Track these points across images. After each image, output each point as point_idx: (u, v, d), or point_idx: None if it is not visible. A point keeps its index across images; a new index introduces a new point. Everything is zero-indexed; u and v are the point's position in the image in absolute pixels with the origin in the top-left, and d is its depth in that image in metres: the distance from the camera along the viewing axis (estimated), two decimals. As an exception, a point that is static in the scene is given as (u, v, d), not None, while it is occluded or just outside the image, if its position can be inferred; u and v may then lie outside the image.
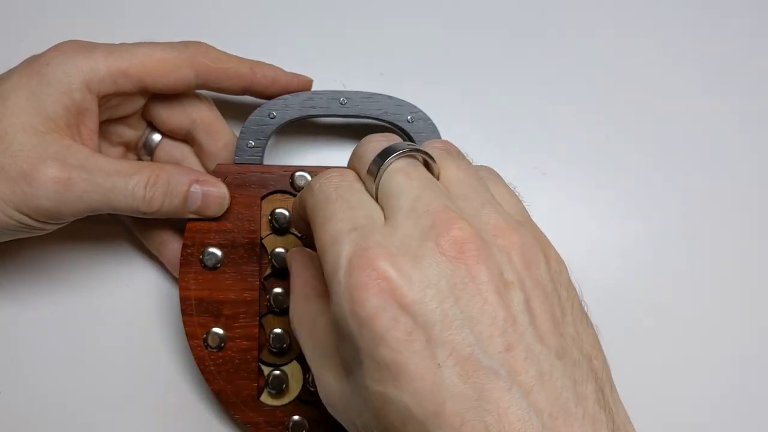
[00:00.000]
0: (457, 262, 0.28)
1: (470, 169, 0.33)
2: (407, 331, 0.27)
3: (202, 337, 0.42)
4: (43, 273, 0.47)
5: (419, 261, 0.28)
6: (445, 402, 0.26)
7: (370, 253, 0.28)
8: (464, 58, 0.51)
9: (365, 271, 0.28)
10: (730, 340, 0.48)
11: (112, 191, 0.39)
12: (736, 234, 0.49)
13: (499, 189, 0.34)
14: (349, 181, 0.33)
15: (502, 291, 0.28)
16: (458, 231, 0.28)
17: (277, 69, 0.44)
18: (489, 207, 0.31)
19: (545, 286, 0.29)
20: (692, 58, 0.52)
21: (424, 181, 0.31)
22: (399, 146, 0.32)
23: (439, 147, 0.34)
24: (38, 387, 0.46)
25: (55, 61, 0.40)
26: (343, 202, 0.31)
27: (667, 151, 0.50)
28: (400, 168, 0.31)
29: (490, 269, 0.28)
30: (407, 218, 0.29)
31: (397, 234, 0.29)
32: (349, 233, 0.29)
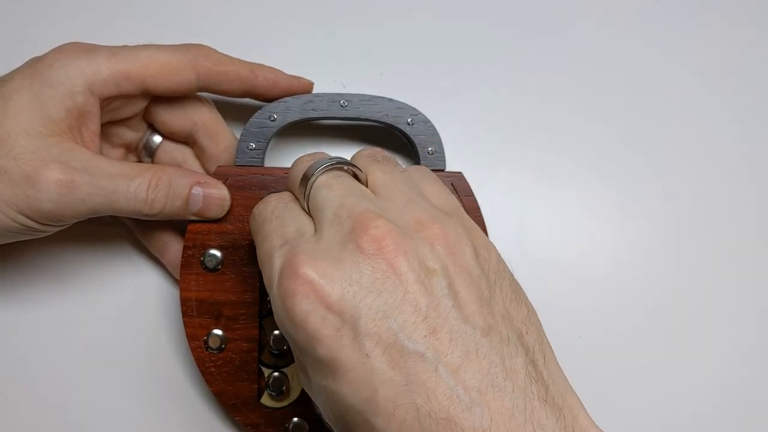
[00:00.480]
0: (377, 258, 0.30)
1: (395, 171, 0.35)
2: (336, 328, 0.29)
3: (202, 339, 0.42)
4: (45, 274, 0.47)
5: (341, 262, 0.30)
6: (377, 389, 0.28)
7: (296, 261, 0.30)
8: (464, 59, 0.51)
9: (291, 279, 0.30)
10: (729, 340, 0.48)
11: (115, 193, 0.39)
12: (736, 234, 0.50)
13: (428, 186, 0.36)
14: (285, 201, 0.36)
15: (424, 279, 0.30)
16: (375, 230, 0.30)
17: (277, 72, 0.45)
18: (413, 204, 0.33)
19: (471, 271, 0.31)
20: (692, 59, 0.52)
21: (347, 190, 0.33)
22: (322, 162, 0.34)
23: (366, 155, 0.37)
24: (39, 387, 0.46)
25: (58, 64, 0.40)
26: (278, 221, 0.34)
27: (667, 151, 0.51)
28: (324, 182, 0.34)
29: (410, 260, 0.30)
30: (331, 226, 0.32)
31: (322, 241, 0.31)
32: (280, 248, 0.32)
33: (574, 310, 0.48)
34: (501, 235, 0.48)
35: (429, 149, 0.45)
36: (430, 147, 0.45)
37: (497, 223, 0.48)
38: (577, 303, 0.48)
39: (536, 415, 0.28)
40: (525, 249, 0.49)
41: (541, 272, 0.48)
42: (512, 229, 0.49)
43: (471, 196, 0.44)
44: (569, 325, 0.48)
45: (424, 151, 0.45)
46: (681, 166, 0.50)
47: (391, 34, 0.51)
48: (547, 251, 0.49)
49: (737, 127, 0.51)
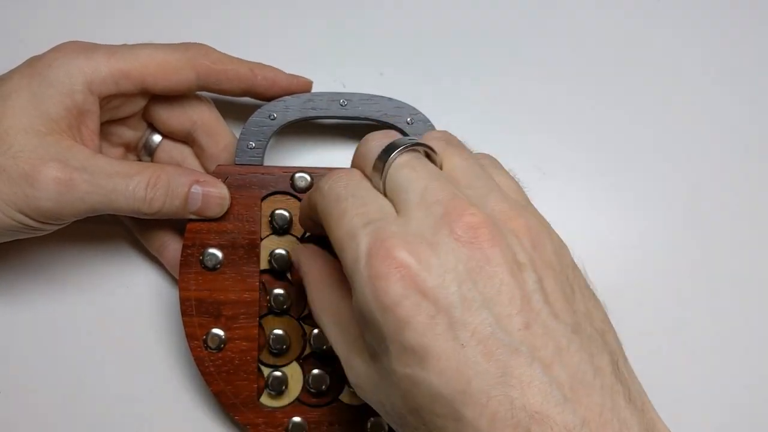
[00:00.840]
0: (472, 247, 0.29)
1: (471, 157, 0.34)
2: (430, 315, 0.28)
3: (201, 338, 0.42)
4: (43, 274, 0.47)
5: (436, 248, 0.29)
6: (470, 380, 0.28)
7: (388, 243, 0.29)
8: (464, 58, 0.51)
9: (385, 261, 0.29)
10: (733, 339, 0.48)
11: (113, 192, 0.39)
12: (738, 232, 0.50)
13: (500, 176, 0.34)
14: (357, 179, 0.33)
15: (516, 272, 0.29)
16: (471, 217, 0.29)
17: (277, 71, 0.45)
18: (494, 193, 0.32)
19: (554, 267, 0.31)
20: (694, 58, 0.52)
21: (430, 173, 0.32)
22: (401, 141, 0.33)
23: (439, 137, 0.35)
24: (38, 387, 0.46)
25: (57, 62, 0.40)
26: (355, 200, 0.32)
27: (667, 150, 0.50)
28: (405, 162, 0.32)
29: (504, 252, 0.29)
30: (419, 209, 0.30)
31: (411, 224, 0.30)
32: (365, 227, 0.30)
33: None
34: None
35: (429, 149, 0.45)
36: (430, 146, 0.45)
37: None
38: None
39: (622, 413, 0.28)
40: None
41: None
42: (512, 228, 0.49)
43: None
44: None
45: (423, 150, 0.45)
46: (682, 166, 0.50)
47: (391, 33, 0.51)
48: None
49: (739, 124, 0.51)
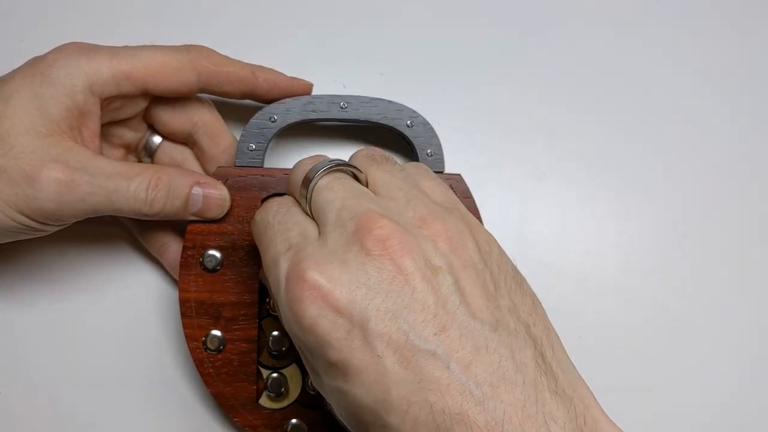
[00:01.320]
0: (383, 259, 0.30)
1: (394, 170, 0.36)
2: (346, 331, 0.29)
3: (201, 339, 0.42)
4: (44, 274, 0.47)
5: (347, 264, 0.30)
6: (390, 389, 0.29)
7: (301, 266, 0.31)
8: (464, 58, 0.51)
9: (299, 284, 0.30)
10: (731, 339, 0.48)
11: (114, 193, 0.39)
12: (736, 234, 0.50)
13: (426, 182, 0.36)
14: (286, 206, 0.36)
15: (430, 277, 0.30)
16: (379, 230, 0.31)
17: (278, 73, 0.45)
18: (414, 201, 0.33)
19: (475, 265, 0.32)
20: (693, 59, 0.52)
21: (348, 191, 0.33)
22: (322, 165, 0.35)
23: (364, 155, 0.37)
24: (38, 387, 0.46)
25: (58, 63, 0.40)
26: (280, 226, 0.34)
27: (667, 151, 0.51)
28: (325, 184, 0.34)
29: (415, 259, 0.30)
30: (335, 228, 0.32)
31: (327, 244, 0.31)
32: (285, 253, 0.32)
33: (574, 310, 0.48)
34: (501, 235, 0.48)
35: (428, 151, 0.45)
36: (429, 149, 0.45)
37: (497, 223, 0.48)
38: (577, 303, 0.48)
39: (547, 406, 0.29)
40: (525, 249, 0.49)
41: (540, 272, 0.48)
42: (512, 229, 0.49)
43: (470, 198, 0.44)
44: (569, 325, 0.48)
45: (423, 153, 0.45)
46: (681, 166, 0.50)
47: (391, 34, 0.51)
48: (547, 251, 0.49)
49: (738, 126, 0.51)
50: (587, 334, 0.48)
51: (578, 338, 0.48)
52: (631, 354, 0.48)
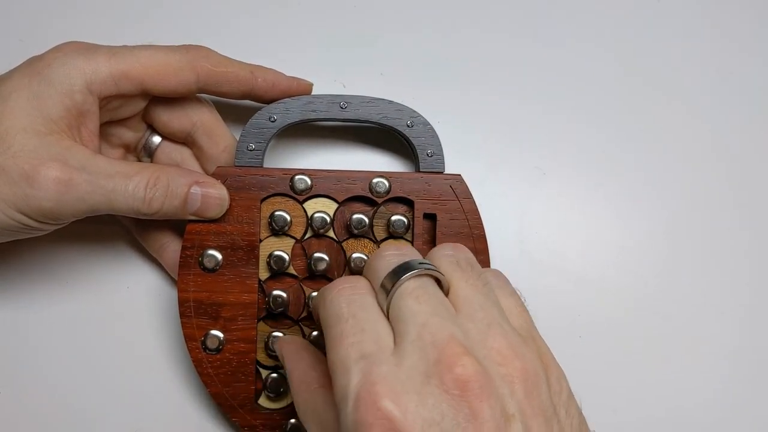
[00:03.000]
0: (461, 400, 0.29)
1: (479, 284, 0.34)
2: None
3: (200, 339, 0.42)
4: (42, 274, 0.47)
5: (423, 399, 0.29)
6: None
7: (376, 389, 0.29)
8: (464, 58, 0.51)
9: (370, 410, 0.28)
10: (730, 340, 0.48)
11: (113, 192, 0.39)
12: (736, 234, 0.50)
13: (505, 299, 0.35)
14: (361, 294, 0.33)
15: (503, 426, 0.29)
16: (461, 369, 0.29)
17: (277, 73, 0.45)
18: (495, 328, 0.31)
19: (545, 411, 0.30)
20: (692, 60, 0.52)
21: (433, 306, 0.31)
22: (412, 265, 0.33)
23: (449, 259, 0.35)
24: (37, 387, 0.46)
25: (57, 62, 0.40)
26: (355, 323, 0.32)
27: (667, 151, 0.50)
28: (411, 291, 0.32)
29: (492, 407, 0.29)
30: (414, 348, 0.30)
31: (403, 366, 0.30)
32: (357, 362, 0.30)
33: (575, 309, 0.48)
34: (501, 235, 0.48)
35: (428, 151, 0.45)
36: (429, 149, 0.45)
37: (497, 223, 0.48)
38: (577, 303, 0.48)
39: None
40: (525, 249, 0.49)
41: (541, 272, 0.48)
42: (512, 229, 0.49)
43: (470, 198, 0.44)
44: (569, 325, 0.48)
45: (423, 154, 0.45)
46: (681, 166, 0.50)
47: (391, 34, 0.51)
48: (547, 251, 0.49)
49: (737, 127, 0.51)
50: (587, 334, 0.48)
51: (578, 338, 0.48)
52: (631, 354, 0.48)
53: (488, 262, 0.44)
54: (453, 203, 0.44)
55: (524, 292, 0.40)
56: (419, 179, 0.44)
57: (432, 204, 0.44)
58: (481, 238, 0.44)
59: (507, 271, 0.37)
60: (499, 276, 0.37)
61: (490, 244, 0.44)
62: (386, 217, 0.44)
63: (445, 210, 0.44)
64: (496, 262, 0.46)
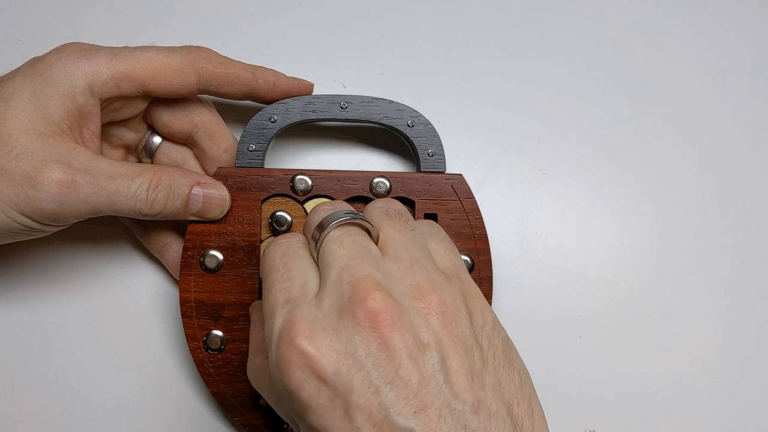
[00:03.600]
0: (372, 332, 0.30)
1: (406, 229, 0.36)
2: (329, 398, 0.30)
3: (201, 340, 0.42)
4: (44, 275, 0.47)
5: (337, 333, 0.30)
6: None
7: (294, 328, 0.31)
8: (464, 59, 0.51)
9: (288, 348, 0.30)
10: (731, 340, 0.48)
11: (115, 193, 0.39)
12: (737, 234, 0.50)
13: (434, 244, 0.36)
14: (295, 247, 0.36)
15: (416, 354, 0.30)
16: (372, 302, 0.31)
17: (278, 74, 0.45)
18: (417, 266, 0.33)
19: (465, 341, 0.32)
20: (693, 59, 0.52)
21: (355, 249, 0.33)
22: (337, 215, 0.35)
23: (380, 209, 0.37)
24: (38, 387, 0.46)
25: (59, 64, 0.40)
26: (285, 271, 0.34)
27: (667, 151, 0.51)
28: (336, 237, 0.34)
29: (404, 335, 0.30)
30: (333, 288, 0.32)
31: (322, 305, 0.32)
32: (282, 306, 0.32)
33: (574, 309, 0.48)
34: (501, 235, 0.48)
35: (429, 151, 0.45)
36: (430, 149, 0.45)
37: (497, 223, 0.48)
38: (577, 303, 0.48)
39: None
40: (525, 249, 0.49)
41: (541, 272, 0.48)
42: (512, 229, 0.49)
43: (471, 198, 0.44)
44: (569, 324, 0.48)
45: (424, 153, 0.45)
46: (681, 166, 0.50)
47: (391, 34, 0.51)
48: (547, 251, 0.49)
49: (738, 126, 0.51)
50: (587, 334, 0.48)
51: (578, 338, 0.48)
52: (630, 354, 0.48)
53: (490, 262, 0.44)
54: (454, 203, 0.44)
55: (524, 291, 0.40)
56: (420, 179, 0.44)
57: (433, 204, 0.44)
58: (483, 238, 0.44)
59: (507, 271, 0.37)
60: (431, 224, 0.38)
61: (490, 244, 0.44)
62: (387, 217, 0.44)
63: (446, 210, 0.44)
64: (496, 261, 0.46)
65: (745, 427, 0.48)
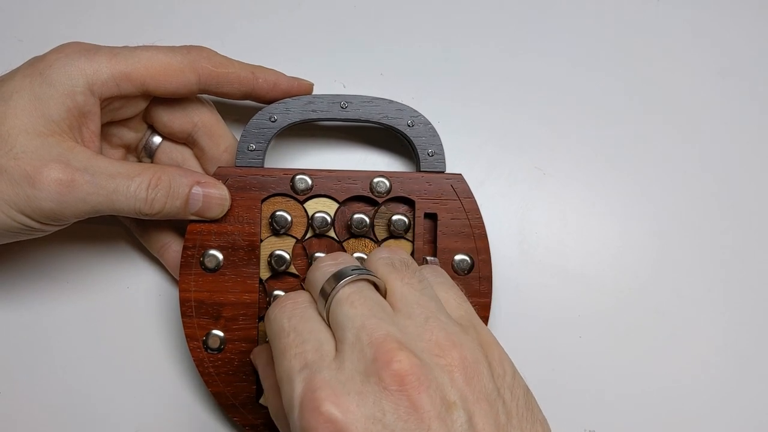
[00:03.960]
0: (400, 395, 0.30)
1: (414, 281, 0.35)
2: None
3: (201, 339, 0.42)
4: (44, 274, 0.47)
5: (363, 398, 0.30)
6: None
7: (318, 395, 0.30)
8: (464, 59, 0.51)
9: (313, 415, 0.29)
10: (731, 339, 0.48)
11: (115, 193, 0.39)
12: (737, 234, 0.50)
13: (444, 293, 0.36)
14: (302, 307, 0.34)
15: (444, 415, 0.30)
16: (398, 364, 0.30)
17: (278, 74, 0.45)
18: (432, 321, 0.32)
19: (488, 396, 0.31)
20: (693, 59, 0.52)
21: (369, 308, 0.32)
22: (344, 273, 0.34)
23: (384, 261, 0.36)
24: (38, 387, 0.46)
25: (58, 63, 0.40)
26: (296, 336, 0.33)
27: (667, 151, 0.51)
28: (347, 297, 0.33)
29: (431, 397, 0.30)
30: (353, 350, 0.31)
31: (343, 369, 0.31)
32: (300, 372, 0.31)
33: (575, 309, 0.48)
34: (501, 235, 0.48)
35: (429, 151, 0.45)
36: (430, 149, 0.45)
37: (497, 223, 0.48)
38: (577, 303, 0.48)
39: None
40: (525, 249, 0.49)
41: (541, 272, 0.48)
42: (512, 229, 0.49)
43: (471, 198, 0.44)
44: (569, 324, 0.48)
45: (424, 153, 0.45)
46: (681, 166, 0.50)
47: (391, 34, 0.51)
48: (547, 251, 0.49)
49: (738, 126, 0.51)
50: (587, 334, 0.48)
51: (578, 338, 0.48)
52: (630, 354, 0.48)
53: (490, 261, 0.44)
54: (454, 203, 0.44)
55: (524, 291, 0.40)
56: (420, 179, 0.44)
57: (433, 203, 0.44)
58: (483, 238, 0.44)
59: (507, 271, 0.37)
60: (436, 271, 0.38)
61: (490, 244, 0.44)
62: (387, 216, 0.44)
63: (446, 209, 0.44)
64: (496, 261, 0.46)
65: (745, 427, 0.48)
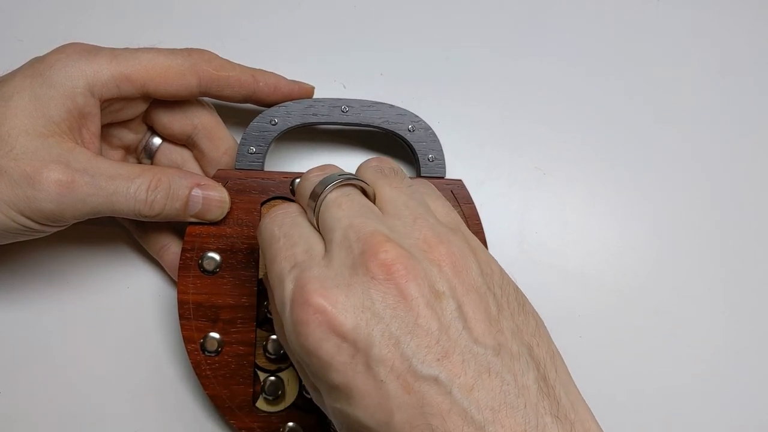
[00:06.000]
0: (388, 284, 0.30)
1: (402, 186, 0.35)
2: (350, 355, 0.30)
3: (199, 342, 0.42)
4: (43, 275, 0.47)
5: (352, 289, 0.30)
6: (393, 413, 0.29)
7: (307, 288, 0.30)
8: (464, 59, 0.51)
9: (303, 308, 0.30)
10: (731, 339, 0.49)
11: (115, 194, 0.39)
12: (737, 234, 0.50)
13: (432, 201, 0.36)
14: (292, 216, 0.35)
15: (434, 303, 0.30)
16: (385, 254, 0.30)
17: (279, 77, 0.45)
18: (420, 221, 0.33)
19: (478, 288, 0.32)
20: (693, 59, 0.52)
21: (356, 209, 0.33)
22: (332, 178, 0.34)
23: (373, 167, 0.37)
24: (37, 388, 0.46)
25: (59, 64, 0.40)
26: (286, 240, 0.34)
27: (667, 151, 0.51)
28: (333, 200, 0.34)
29: (420, 285, 0.30)
30: (341, 248, 0.32)
31: (333, 265, 0.31)
32: (290, 272, 0.32)
33: (575, 309, 0.48)
34: (501, 236, 0.48)
35: (429, 156, 0.45)
36: (431, 154, 0.45)
37: (497, 223, 0.48)
38: (577, 303, 0.48)
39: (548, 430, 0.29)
40: (525, 249, 0.49)
41: (541, 272, 0.49)
42: (512, 229, 0.49)
43: (471, 204, 0.44)
44: (569, 324, 0.48)
45: (424, 158, 0.45)
46: (682, 166, 0.50)
47: (391, 34, 0.51)
48: (547, 251, 0.49)
49: (738, 126, 0.51)
50: (587, 334, 0.48)
51: (578, 338, 0.48)
52: (630, 354, 0.48)
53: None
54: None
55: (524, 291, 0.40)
56: None
57: None
58: (483, 244, 0.44)
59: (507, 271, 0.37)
60: (425, 183, 0.38)
61: (490, 244, 0.44)
62: (386, 220, 0.44)
63: None
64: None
65: (745, 427, 0.48)
